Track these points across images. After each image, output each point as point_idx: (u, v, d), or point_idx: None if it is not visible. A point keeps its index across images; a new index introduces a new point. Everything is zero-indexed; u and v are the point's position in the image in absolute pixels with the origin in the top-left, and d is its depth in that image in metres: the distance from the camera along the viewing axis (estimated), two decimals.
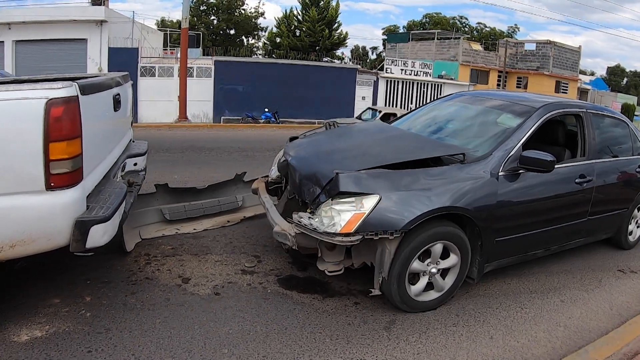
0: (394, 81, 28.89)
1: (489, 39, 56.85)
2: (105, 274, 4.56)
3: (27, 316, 3.76)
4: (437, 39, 41.27)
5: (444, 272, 4.26)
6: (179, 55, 20.86)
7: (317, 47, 43.38)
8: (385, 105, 28.39)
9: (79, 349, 3.38)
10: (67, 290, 4.20)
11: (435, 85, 30.67)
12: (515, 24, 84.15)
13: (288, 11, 46.67)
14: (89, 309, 3.92)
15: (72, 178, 3.22)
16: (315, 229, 3.85)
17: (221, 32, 49.09)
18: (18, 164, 3.06)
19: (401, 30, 63.19)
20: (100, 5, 23.02)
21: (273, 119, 22.93)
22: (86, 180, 3.41)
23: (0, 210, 3.07)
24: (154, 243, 5.33)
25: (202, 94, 21.71)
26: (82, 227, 3.24)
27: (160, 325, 3.75)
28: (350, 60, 51.11)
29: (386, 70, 29.13)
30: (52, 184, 3.12)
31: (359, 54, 67.58)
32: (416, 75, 30.21)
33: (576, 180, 4.92)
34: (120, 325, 3.72)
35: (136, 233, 5.38)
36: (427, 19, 65.76)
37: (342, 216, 3.80)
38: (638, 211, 6.01)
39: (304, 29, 44.02)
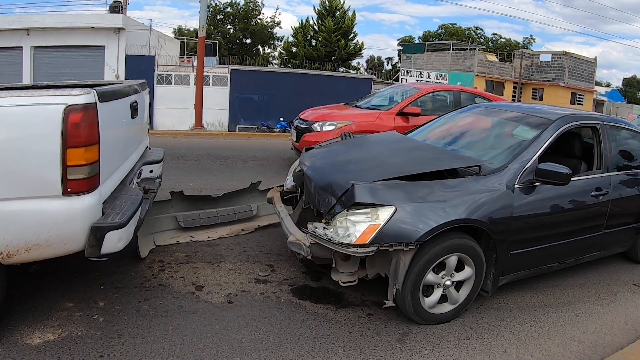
0: None
1: (505, 49, 56.66)
2: (119, 279, 4.58)
3: (41, 319, 3.79)
4: (453, 49, 41.24)
5: (458, 285, 4.24)
6: (195, 63, 20.97)
7: (333, 57, 43.42)
8: None
9: (91, 354, 3.40)
10: (81, 294, 4.23)
11: None
12: (531, 35, 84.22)
13: (304, 21, 46.79)
14: (102, 314, 3.94)
15: (89, 184, 3.25)
16: (330, 239, 3.85)
17: (237, 41, 49.28)
18: (36, 168, 3.09)
19: (417, 41, 63.20)
20: (118, 13, 23.20)
21: (288, 128, 22.92)
22: (103, 186, 3.44)
23: (17, 214, 3.11)
24: (168, 250, 5.34)
25: (217, 102, 21.77)
26: (97, 233, 3.26)
27: (172, 332, 3.76)
28: (365, 70, 51.16)
29: (401, 80, 29.07)
30: (69, 190, 3.15)
31: (375, 64, 67.65)
32: None
33: (592, 193, 4.87)
34: (132, 331, 3.73)
35: (150, 240, 5.40)
36: (443, 30, 65.78)
37: (357, 227, 3.80)
38: None
39: (320, 39, 44.09)
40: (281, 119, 23.00)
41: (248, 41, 49.99)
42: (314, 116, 9.96)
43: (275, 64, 50.27)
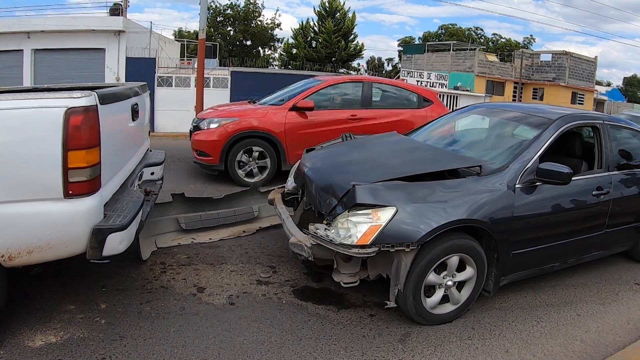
0: None
1: (505, 50, 56.66)
2: (120, 281, 4.58)
3: (42, 321, 3.79)
4: (453, 50, 41.20)
5: (459, 285, 4.24)
6: (195, 65, 20.95)
7: (333, 58, 43.51)
8: None
9: (93, 356, 3.40)
10: (83, 297, 4.23)
11: (451, 96, 30.50)
12: (531, 35, 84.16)
13: (304, 22, 46.95)
14: (104, 316, 3.94)
15: (90, 186, 3.25)
16: (331, 240, 3.85)
17: (238, 42, 49.32)
18: (37, 171, 3.10)
19: (417, 42, 63.22)
20: (118, 15, 23.20)
21: None
22: (104, 188, 3.45)
23: (18, 217, 3.12)
24: (170, 252, 5.35)
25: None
26: (99, 235, 3.27)
27: (174, 334, 3.76)
28: (366, 71, 51.18)
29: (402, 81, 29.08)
30: (70, 192, 3.15)
31: (375, 65, 67.69)
32: (432, 86, 30.13)
33: (593, 193, 4.87)
34: (134, 333, 3.74)
35: (152, 242, 5.41)
36: (443, 30, 65.82)
37: (358, 228, 3.80)
38: None
39: (320, 40, 44.19)
40: None
41: (248, 43, 50.06)
42: (204, 114, 9.67)
43: (276, 65, 50.39)
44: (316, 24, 45.66)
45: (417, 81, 29.77)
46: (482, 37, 65.91)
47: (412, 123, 9.33)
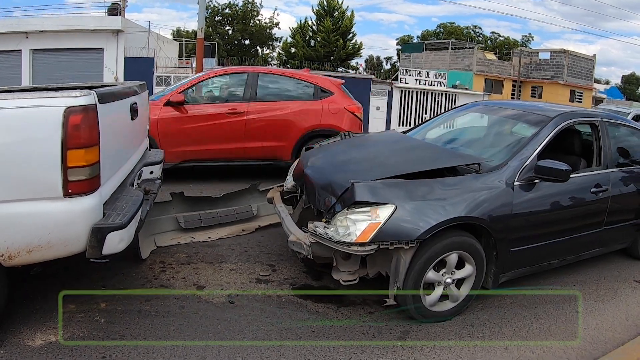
0: (408, 91, 28.58)
1: (503, 48, 56.67)
2: (120, 281, 4.58)
3: (42, 321, 3.79)
4: (451, 48, 41.25)
5: (458, 282, 4.24)
6: (194, 65, 20.94)
7: (332, 58, 43.47)
8: (400, 116, 28.13)
9: (93, 355, 3.40)
10: (83, 296, 4.22)
11: (449, 95, 30.39)
12: (530, 33, 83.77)
13: (302, 21, 46.90)
14: (104, 315, 3.94)
15: (90, 185, 3.24)
16: (330, 238, 3.85)
17: (236, 42, 49.21)
18: (36, 170, 3.09)
19: (415, 40, 63.26)
20: (116, 15, 23.22)
21: None
22: (103, 187, 3.44)
23: (18, 216, 3.11)
24: (169, 251, 5.35)
25: None
26: (98, 234, 3.26)
27: (174, 333, 3.77)
28: (364, 70, 51.16)
29: (400, 80, 28.97)
30: (69, 191, 3.15)
31: (374, 64, 67.67)
32: (430, 85, 30.00)
33: (592, 190, 4.88)
34: (134, 332, 3.74)
35: (151, 241, 5.40)
36: (441, 29, 65.73)
37: (357, 226, 3.80)
38: None
39: (318, 39, 44.13)
40: None
41: (247, 42, 49.94)
42: None
43: (274, 64, 50.28)
44: (314, 23, 45.63)
45: (416, 80, 29.62)
46: (481, 36, 65.99)
47: (304, 116, 9.05)
